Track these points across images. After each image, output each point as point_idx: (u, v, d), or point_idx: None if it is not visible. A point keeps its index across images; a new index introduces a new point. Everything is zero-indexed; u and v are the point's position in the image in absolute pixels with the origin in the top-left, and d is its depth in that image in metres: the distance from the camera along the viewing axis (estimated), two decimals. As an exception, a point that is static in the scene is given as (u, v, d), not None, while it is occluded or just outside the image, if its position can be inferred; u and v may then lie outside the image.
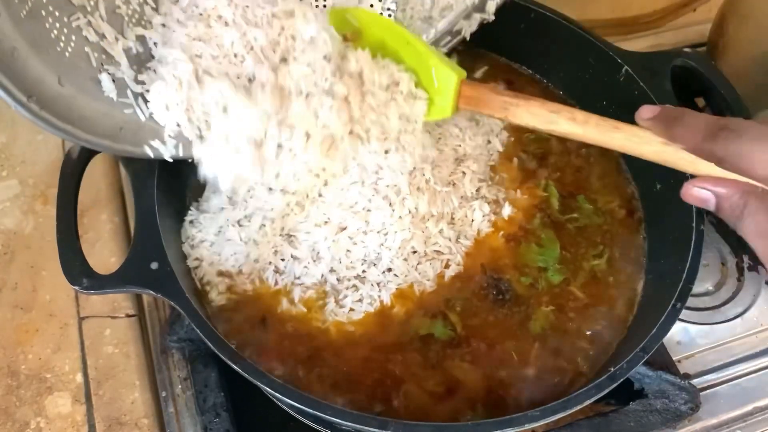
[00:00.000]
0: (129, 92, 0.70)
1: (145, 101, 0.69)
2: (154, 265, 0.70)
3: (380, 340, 0.76)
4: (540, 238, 0.83)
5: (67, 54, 0.65)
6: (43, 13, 0.63)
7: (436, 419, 0.71)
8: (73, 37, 0.66)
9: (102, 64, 0.68)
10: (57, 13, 0.64)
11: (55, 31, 0.64)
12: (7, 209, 0.90)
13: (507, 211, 0.84)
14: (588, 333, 0.78)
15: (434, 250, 0.80)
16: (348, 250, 0.78)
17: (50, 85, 0.63)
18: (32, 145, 0.96)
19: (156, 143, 0.70)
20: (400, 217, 0.78)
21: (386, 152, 0.76)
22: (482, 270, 0.80)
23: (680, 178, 0.80)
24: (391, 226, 0.78)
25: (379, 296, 0.77)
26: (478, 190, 0.85)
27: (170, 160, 0.72)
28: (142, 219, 0.73)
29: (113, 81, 0.68)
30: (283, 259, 0.78)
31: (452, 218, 0.82)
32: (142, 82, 0.70)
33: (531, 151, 0.92)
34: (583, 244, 0.84)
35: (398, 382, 0.73)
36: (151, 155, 0.71)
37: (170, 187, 0.81)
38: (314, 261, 0.78)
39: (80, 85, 0.66)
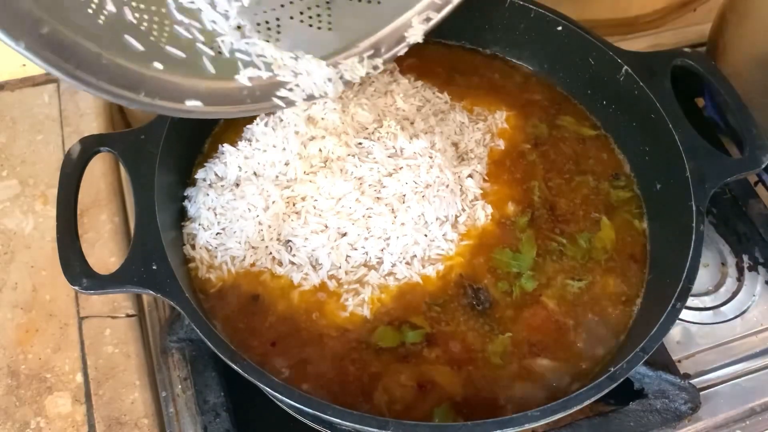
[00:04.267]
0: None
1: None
2: (154, 265, 0.70)
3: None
4: (520, 241, 0.83)
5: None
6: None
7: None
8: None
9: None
10: None
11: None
12: (7, 209, 0.90)
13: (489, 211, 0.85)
14: (588, 332, 0.78)
15: (436, 253, 0.81)
16: (348, 256, 0.78)
17: None
18: (32, 145, 0.96)
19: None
20: (402, 223, 0.78)
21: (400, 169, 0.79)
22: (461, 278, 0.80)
23: (680, 178, 0.81)
24: (393, 231, 0.78)
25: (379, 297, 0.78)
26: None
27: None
28: (142, 219, 0.73)
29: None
30: (281, 264, 0.78)
31: (456, 219, 0.83)
32: None
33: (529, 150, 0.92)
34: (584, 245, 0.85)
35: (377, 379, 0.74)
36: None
37: (170, 187, 0.81)
38: (314, 268, 0.78)
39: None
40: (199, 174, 0.86)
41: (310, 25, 0.79)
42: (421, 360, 0.75)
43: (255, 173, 0.82)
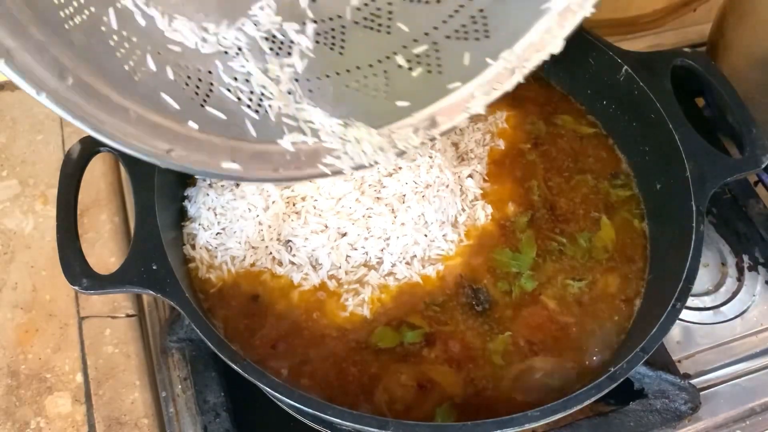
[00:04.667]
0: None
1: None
2: (154, 265, 0.70)
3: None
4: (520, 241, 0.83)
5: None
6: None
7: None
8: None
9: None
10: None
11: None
12: (7, 209, 0.90)
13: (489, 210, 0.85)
14: (588, 332, 0.78)
15: (436, 253, 0.81)
16: (348, 256, 0.78)
17: None
18: (32, 145, 0.96)
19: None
20: (402, 223, 0.78)
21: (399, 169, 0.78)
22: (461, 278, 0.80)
23: (680, 178, 0.81)
24: (393, 231, 0.78)
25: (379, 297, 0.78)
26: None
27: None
28: (142, 219, 0.73)
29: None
30: (281, 264, 0.78)
31: (456, 220, 0.83)
32: None
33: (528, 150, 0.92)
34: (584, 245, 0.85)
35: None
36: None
37: (170, 187, 0.81)
38: (314, 268, 0.78)
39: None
40: (199, 174, 0.86)
41: (366, 93, 0.74)
42: (421, 360, 0.75)
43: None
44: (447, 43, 0.75)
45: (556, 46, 0.72)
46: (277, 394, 0.64)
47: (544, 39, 0.73)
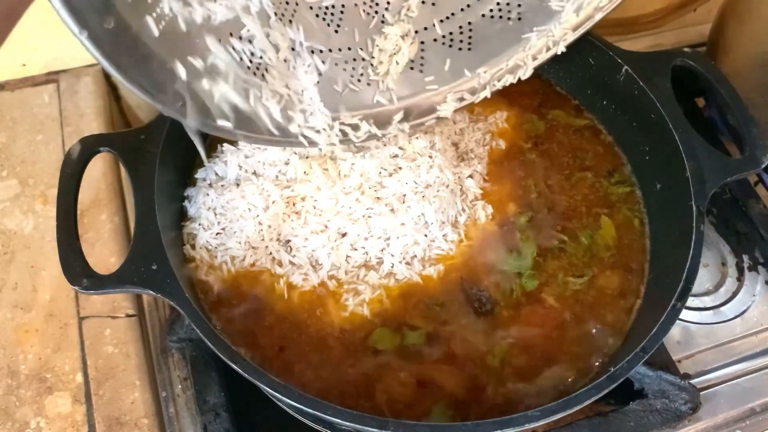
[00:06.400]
0: None
1: None
2: (154, 265, 0.70)
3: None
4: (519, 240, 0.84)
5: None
6: None
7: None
8: None
9: None
10: None
11: None
12: (7, 209, 0.90)
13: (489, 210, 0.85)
14: (588, 332, 0.78)
15: (436, 253, 0.81)
16: (348, 256, 0.78)
17: None
18: (32, 145, 0.95)
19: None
20: (402, 223, 0.78)
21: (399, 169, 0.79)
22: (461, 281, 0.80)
23: (680, 178, 0.81)
24: (393, 232, 0.78)
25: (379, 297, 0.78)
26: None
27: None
28: (142, 219, 0.73)
29: None
30: (281, 265, 0.78)
31: (456, 220, 0.83)
32: None
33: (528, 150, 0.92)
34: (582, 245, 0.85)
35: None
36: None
37: (170, 187, 0.81)
38: (314, 268, 0.78)
39: None
40: (199, 174, 0.86)
41: (352, 76, 0.79)
42: (422, 359, 0.75)
43: (255, 173, 0.82)
44: (433, 45, 0.82)
45: (525, 73, 0.82)
46: (277, 394, 0.64)
47: (517, 64, 0.82)
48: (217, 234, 0.80)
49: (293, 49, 0.73)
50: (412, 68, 0.81)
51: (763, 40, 0.92)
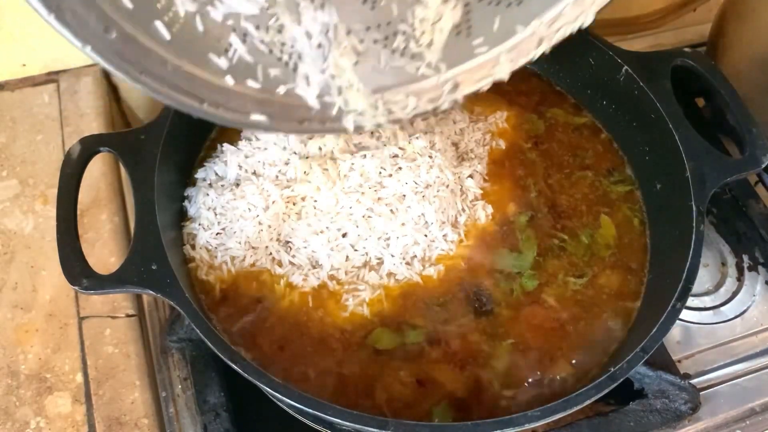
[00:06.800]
0: None
1: None
2: (154, 265, 0.70)
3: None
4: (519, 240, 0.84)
5: None
6: None
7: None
8: None
9: None
10: None
11: None
12: (7, 209, 0.90)
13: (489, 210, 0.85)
14: (588, 332, 0.78)
15: (437, 253, 0.81)
16: (348, 257, 0.78)
17: None
18: (32, 145, 0.95)
19: None
20: (402, 223, 0.78)
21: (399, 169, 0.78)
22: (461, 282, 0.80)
23: (680, 178, 0.81)
24: (393, 232, 0.78)
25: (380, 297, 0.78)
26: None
27: None
28: (142, 219, 0.73)
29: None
30: (281, 265, 0.78)
31: (456, 220, 0.83)
32: None
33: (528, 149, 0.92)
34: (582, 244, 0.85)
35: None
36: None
37: (170, 187, 0.81)
38: (314, 268, 0.78)
39: None
40: (199, 174, 0.86)
41: (393, 52, 0.73)
42: (422, 359, 0.75)
43: (255, 173, 0.82)
44: (479, 6, 0.73)
45: (587, 20, 0.72)
46: (277, 394, 0.64)
47: (575, 11, 0.73)
48: (217, 234, 0.80)
49: (327, 33, 0.69)
50: (458, 33, 0.74)
51: (763, 40, 0.92)
